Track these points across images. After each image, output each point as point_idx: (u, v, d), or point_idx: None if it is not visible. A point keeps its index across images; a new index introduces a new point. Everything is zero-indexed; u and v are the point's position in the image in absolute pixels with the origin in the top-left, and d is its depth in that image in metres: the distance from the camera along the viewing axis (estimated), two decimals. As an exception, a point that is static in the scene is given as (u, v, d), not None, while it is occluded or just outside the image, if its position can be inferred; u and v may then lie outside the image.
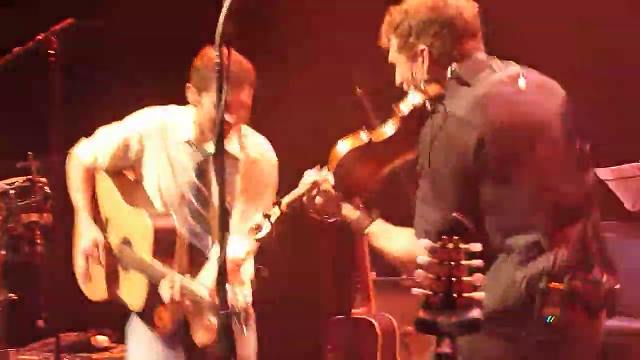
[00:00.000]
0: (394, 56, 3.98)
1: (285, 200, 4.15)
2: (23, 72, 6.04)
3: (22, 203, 5.96)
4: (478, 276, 3.56)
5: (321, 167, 4.13)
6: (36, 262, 6.08)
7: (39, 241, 6.05)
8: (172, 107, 5.24)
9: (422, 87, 3.90)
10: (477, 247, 3.59)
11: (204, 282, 4.92)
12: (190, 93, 5.02)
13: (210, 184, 5.12)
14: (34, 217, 6.00)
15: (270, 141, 5.27)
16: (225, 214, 3.80)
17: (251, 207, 5.03)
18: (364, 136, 4.03)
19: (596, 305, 3.77)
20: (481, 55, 3.88)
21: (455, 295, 3.56)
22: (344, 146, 4.05)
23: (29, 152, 5.98)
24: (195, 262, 5.13)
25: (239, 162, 5.09)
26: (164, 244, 5.00)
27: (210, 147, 5.06)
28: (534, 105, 3.81)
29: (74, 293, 6.40)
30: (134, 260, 5.12)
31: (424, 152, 3.77)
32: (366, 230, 4.05)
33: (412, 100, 3.92)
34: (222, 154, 3.78)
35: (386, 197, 4.22)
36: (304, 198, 4.13)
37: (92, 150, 5.25)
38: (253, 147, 5.18)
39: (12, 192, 5.93)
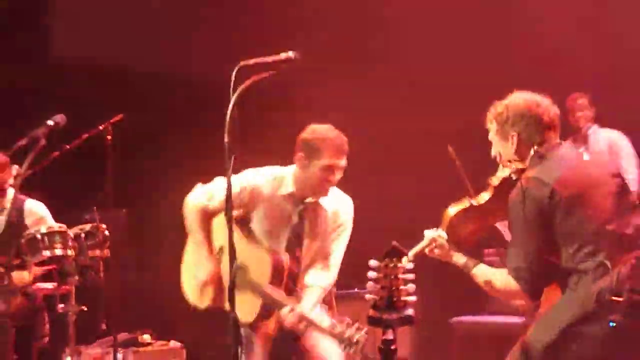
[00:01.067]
0: (492, 136, 3.99)
1: (412, 252, 4.07)
2: (87, 151, 6.02)
3: (89, 243, 5.95)
4: (411, 286, 3.58)
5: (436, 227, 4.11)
6: (99, 284, 6.03)
7: (101, 269, 6.02)
8: (277, 168, 4.89)
9: (510, 164, 3.93)
10: (409, 265, 3.62)
11: (307, 307, 4.66)
12: (300, 159, 4.72)
13: (304, 228, 4.83)
14: (97, 252, 5.97)
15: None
16: (230, 224, 3.76)
17: (331, 245, 4.88)
18: (466, 202, 4.05)
19: None
20: (557, 140, 3.89)
21: (395, 299, 3.57)
22: (452, 210, 4.07)
23: (94, 207, 5.98)
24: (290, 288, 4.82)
25: (326, 212, 4.86)
26: (277, 274, 4.67)
27: (309, 199, 4.81)
28: (594, 168, 3.84)
29: (125, 305, 6.41)
30: (251, 285, 4.65)
31: (513, 210, 3.77)
32: (472, 272, 3.99)
33: (502, 173, 3.98)
34: (230, 196, 3.77)
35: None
36: (426, 250, 4.09)
37: (205, 195, 4.86)
38: (337, 201, 4.91)
39: (82, 235, 5.93)
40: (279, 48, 3.95)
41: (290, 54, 3.92)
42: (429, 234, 4.08)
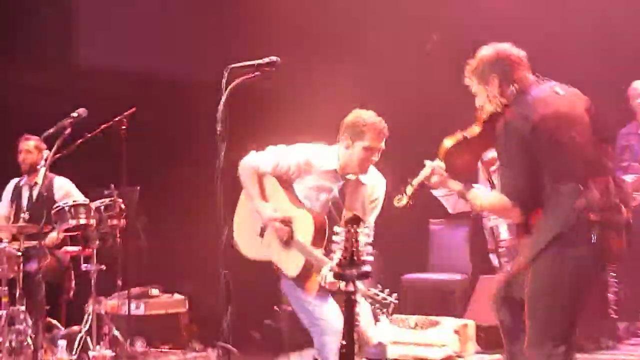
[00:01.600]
0: (475, 88, 3.82)
1: (415, 181, 3.92)
2: (105, 138, 6.01)
3: (108, 214, 5.94)
4: (368, 247, 3.58)
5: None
6: (116, 247, 6.00)
7: (118, 236, 6.00)
8: (323, 145, 4.61)
9: (495, 100, 3.74)
10: (366, 231, 3.60)
11: None
12: (344, 139, 4.46)
13: (344, 199, 4.54)
14: (115, 222, 5.97)
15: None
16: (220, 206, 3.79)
17: (368, 216, 4.56)
18: (460, 135, 3.86)
19: (620, 227, 3.60)
20: (531, 77, 3.76)
21: (355, 258, 3.57)
22: (448, 142, 3.87)
23: (112, 184, 5.97)
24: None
25: (365, 187, 4.57)
26: (320, 235, 4.37)
27: (350, 176, 4.53)
28: (568, 103, 3.69)
29: (137, 265, 6.40)
30: (296, 243, 4.38)
31: (500, 140, 3.66)
32: (467, 196, 3.81)
33: (489, 109, 3.77)
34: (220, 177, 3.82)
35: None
36: (427, 179, 3.91)
37: (258, 161, 4.52)
38: (374, 179, 4.62)
39: (102, 207, 5.93)
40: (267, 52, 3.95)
41: (273, 58, 3.93)
42: (429, 163, 3.91)
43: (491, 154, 4.09)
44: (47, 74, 7.46)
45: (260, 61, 3.92)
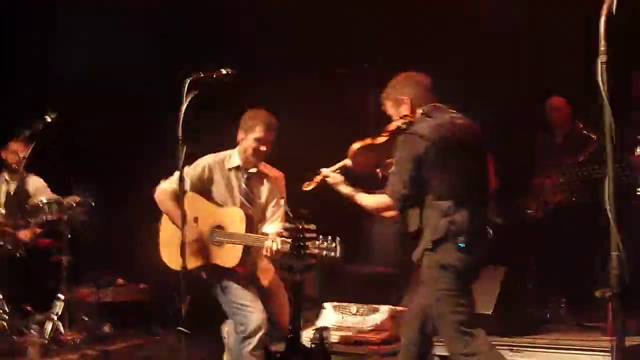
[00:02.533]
0: (390, 111, 3.95)
1: (327, 170, 4.00)
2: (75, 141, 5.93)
3: (78, 210, 5.85)
4: (314, 242, 3.59)
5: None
6: (86, 241, 5.97)
7: (86, 230, 5.95)
8: (223, 152, 4.65)
9: (404, 118, 3.86)
10: (312, 227, 3.61)
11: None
12: (240, 134, 4.52)
13: (253, 190, 4.58)
14: (84, 218, 5.90)
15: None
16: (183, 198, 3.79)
17: (275, 206, 4.60)
18: (368, 140, 3.96)
19: (484, 237, 3.75)
20: (436, 103, 3.87)
21: (301, 251, 3.59)
22: (356, 145, 3.97)
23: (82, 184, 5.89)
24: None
25: (265, 177, 4.63)
26: (249, 224, 4.37)
27: (252, 169, 4.59)
28: (462, 131, 3.79)
29: (105, 256, 6.30)
30: (230, 237, 4.37)
31: (398, 150, 3.75)
32: (355, 198, 3.92)
33: (396, 123, 3.88)
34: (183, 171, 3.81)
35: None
36: (326, 176, 3.99)
37: (174, 183, 4.36)
38: (270, 170, 4.71)
39: (73, 204, 5.84)
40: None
41: (230, 70, 3.95)
42: (325, 170, 4.02)
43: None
44: (18, 81, 7.30)
45: (217, 72, 3.93)
